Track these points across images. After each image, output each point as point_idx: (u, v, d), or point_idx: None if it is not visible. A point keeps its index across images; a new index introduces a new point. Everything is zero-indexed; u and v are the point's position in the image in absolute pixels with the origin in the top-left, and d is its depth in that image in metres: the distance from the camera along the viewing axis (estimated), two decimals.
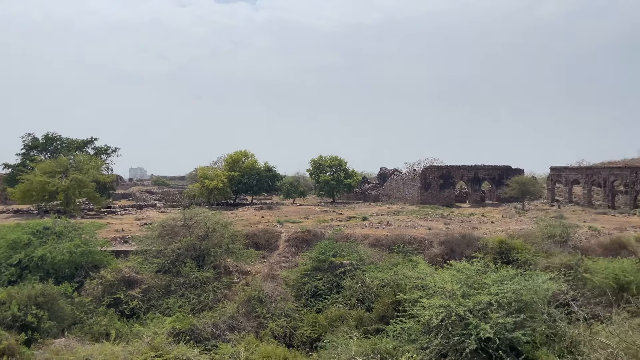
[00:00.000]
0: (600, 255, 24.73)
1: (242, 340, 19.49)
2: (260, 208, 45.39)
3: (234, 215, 38.45)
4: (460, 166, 59.32)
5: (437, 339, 15.50)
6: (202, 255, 25.02)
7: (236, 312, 21.52)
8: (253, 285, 23.22)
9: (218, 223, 25.95)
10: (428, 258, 26.10)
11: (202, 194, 49.34)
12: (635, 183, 44.91)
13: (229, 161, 53.02)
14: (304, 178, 70.42)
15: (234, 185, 51.19)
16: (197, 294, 22.60)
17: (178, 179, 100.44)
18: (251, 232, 29.23)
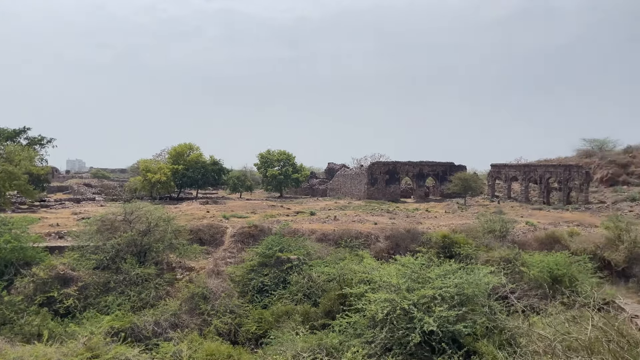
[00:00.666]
0: (536, 249, 25.81)
1: (185, 338, 18.97)
2: (206, 202, 44.42)
3: (177, 209, 37.40)
4: (405, 162, 60.46)
5: (382, 333, 15.65)
6: (143, 251, 24.11)
7: (179, 309, 20.91)
8: (197, 281, 22.64)
9: (161, 218, 25.08)
10: (374, 252, 26.36)
11: (145, 188, 47.72)
12: (568, 180, 47.32)
13: (173, 154, 51.56)
14: (252, 172, 69.67)
15: (178, 179, 49.86)
16: (137, 291, 21.76)
17: (119, 171, 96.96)
18: (195, 227, 28.48)
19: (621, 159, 54.05)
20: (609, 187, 50.77)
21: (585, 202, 44.75)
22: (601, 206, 42.98)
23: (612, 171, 52.86)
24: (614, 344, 7.82)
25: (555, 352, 7.73)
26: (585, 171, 46.70)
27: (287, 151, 62.69)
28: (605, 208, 41.57)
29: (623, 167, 52.94)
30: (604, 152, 57.84)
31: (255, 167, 63.57)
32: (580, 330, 8.74)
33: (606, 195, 48.56)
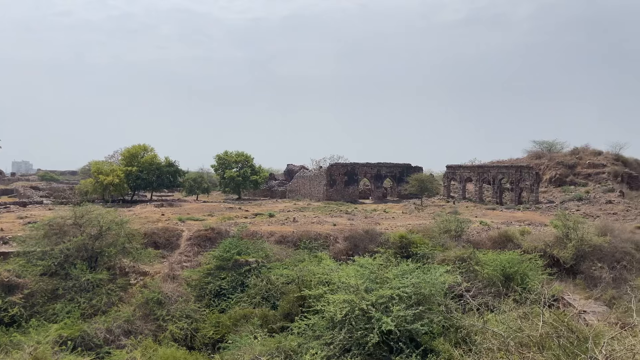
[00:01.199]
0: (490, 248, 26.48)
1: (138, 345, 18.42)
2: (161, 205, 43.36)
3: (131, 212, 36.32)
4: (364, 164, 60.97)
5: (341, 334, 15.62)
6: (94, 256, 23.26)
7: (132, 315, 20.29)
8: (151, 286, 22.02)
9: (113, 221, 24.26)
10: (333, 254, 26.39)
11: (96, 191, 46.11)
12: (519, 181, 48.93)
13: (126, 155, 50.05)
14: (209, 174, 68.59)
15: (132, 181, 48.45)
16: (88, 297, 20.96)
17: (69, 174, 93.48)
18: (150, 231, 27.72)
19: (568, 160, 56.37)
20: (558, 187, 52.85)
21: (536, 202, 46.37)
22: (550, 205, 44.64)
23: (560, 172, 55.05)
24: (564, 340, 8.07)
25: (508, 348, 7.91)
26: (536, 172, 48.42)
27: (246, 152, 62.08)
28: (554, 207, 43.21)
29: (570, 168, 55.23)
30: (552, 153, 60.20)
31: (213, 168, 62.57)
32: (532, 326, 8.99)
33: (555, 195, 50.51)
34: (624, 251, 25.66)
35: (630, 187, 49.87)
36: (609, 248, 25.71)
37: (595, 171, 53.41)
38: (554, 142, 63.28)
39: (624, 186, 49.22)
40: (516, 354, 7.73)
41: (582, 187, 50.42)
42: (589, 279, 24.37)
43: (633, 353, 6.80)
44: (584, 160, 55.83)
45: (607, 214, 38.38)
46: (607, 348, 7.12)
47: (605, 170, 52.99)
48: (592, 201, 44.20)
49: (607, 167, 53.37)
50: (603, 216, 37.09)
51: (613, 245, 25.96)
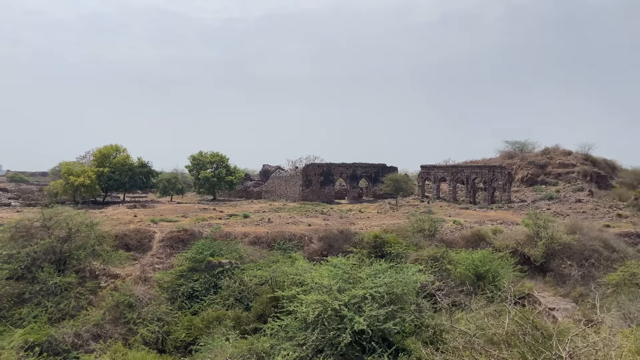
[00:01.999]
0: (463, 247, 26.79)
1: (107, 349, 18.03)
2: (133, 206, 42.64)
3: (102, 214, 35.63)
4: (339, 164, 61.09)
5: (313, 335, 15.58)
6: (63, 259, 22.71)
7: (102, 319, 19.85)
8: (122, 289, 21.60)
9: (82, 223, 23.73)
10: (308, 254, 26.35)
11: (66, 192, 45.07)
12: (492, 180, 49.68)
13: (98, 156, 49.08)
14: (183, 175, 67.77)
15: (104, 182, 47.53)
16: (56, 301, 20.43)
17: (40, 175, 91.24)
18: (121, 233, 27.23)
19: (539, 160, 57.49)
20: (529, 187, 53.83)
21: (508, 201, 47.14)
22: (522, 205, 45.43)
23: (531, 171, 56.10)
24: (529, 337, 8.17)
25: (474, 347, 7.97)
26: (508, 172, 49.22)
27: (220, 153, 61.54)
28: (526, 206, 43.98)
29: (541, 168, 56.34)
30: (524, 153, 61.31)
31: (187, 169, 61.85)
32: (499, 324, 9.09)
33: (526, 194, 51.44)
34: (592, 249, 26.26)
35: (599, 186, 51.12)
36: (577, 246, 26.27)
37: (566, 171, 54.59)
38: (526, 142, 64.51)
39: (593, 185, 50.43)
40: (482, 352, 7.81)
41: (552, 187, 51.47)
42: (558, 277, 24.85)
43: (595, 350, 6.93)
44: (554, 160, 57.02)
45: (577, 213, 39.24)
46: (571, 345, 7.24)
47: (575, 169, 54.22)
48: (562, 200, 45.14)
49: (576, 167, 54.61)
50: (573, 215, 37.91)
51: (582, 243, 26.54)
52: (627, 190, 48.80)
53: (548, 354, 7.38)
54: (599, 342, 7.02)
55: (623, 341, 7.42)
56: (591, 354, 6.97)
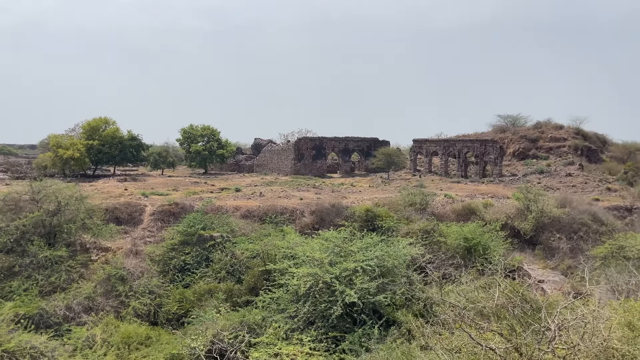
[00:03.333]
0: (454, 220, 26.91)
1: (99, 321, 18.12)
2: (124, 180, 42.33)
3: (92, 187, 35.34)
4: (332, 138, 60.83)
5: (305, 307, 15.70)
6: (53, 232, 22.56)
7: (93, 292, 19.89)
8: (113, 262, 21.59)
9: (72, 196, 23.50)
10: (299, 228, 26.37)
11: (55, 165, 44.58)
12: (484, 154, 49.77)
13: (87, 129, 48.41)
14: (174, 148, 67.27)
15: (94, 155, 47.02)
16: (46, 274, 20.38)
17: (29, 147, 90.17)
18: (112, 206, 27.04)
19: (531, 134, 57.58)
20: (520, 161, 54.04)
21: (499, 175, 47.35)
22: (513, 179, 45.67)
23: (523, 145, 56.23)
24: (518, 310, 8.24)
25: (464, 319, 8.03)
26: (500, 146, 49.29)
27: (212, 126, 60.95)
28: (517, 180, 44.22)
29: (533, 142, 56.47)
30: (516, 127, 61.35)
31: (178, 142, 61.33)
32: (489, 297, 9.16)
33: (518, 168, 51.66)
34: (581, 222, 26.49)
35: (589, 160, 51.44)
36: (567, 219, 26.49)
37: (557, 145, 54.77)
38: (518, 116, 64.50)
39: (583, 159, 50.72)
40: (472, 325, 7.88)
41: (543, 161, 51.68)
42: (547, 249, 25.14)
43: (584, 322, 6.99)
44: (546, 134, 57.12)
45: (567, 187, 39.52)
46: (560, 317, 7.31)
47: (566, 143, 54.42)
48: (553, 174, 45.40)
49: (567, 141, 54.80)
50: (563, 188, 38.17)
51: (571, 216, 26.76)
52: (616, 164, 49.17)
53: (537, 326, 7.45)
54: (587, 314, 7.10)
55: (612, 314, 7.51)
56: (580, 326, 7.04)
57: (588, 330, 6.87)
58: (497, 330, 7.65)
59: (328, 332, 14.86)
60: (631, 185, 39.63)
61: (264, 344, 14.64)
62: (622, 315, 7.25)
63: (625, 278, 12.61)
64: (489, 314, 8.75)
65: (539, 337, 7.19)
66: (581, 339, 6.69)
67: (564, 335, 7.08)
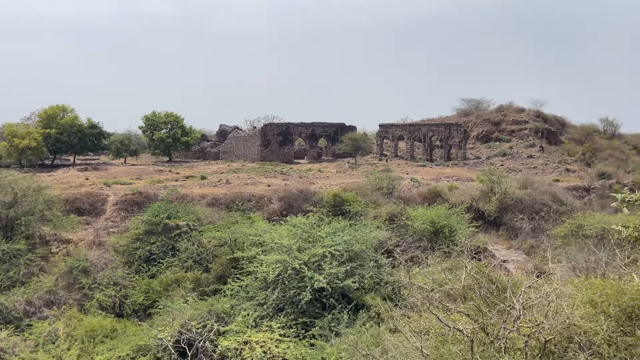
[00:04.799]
0: (420, 203, 27.24)
1: (62, 315, 17.59)
2: (85, 169, 41.07)
3: (51, 177, 34.17)
4: (298, 123, 60.45)
5: (274, 294, 15.64)
6: (10, 225, 21.74)
7: (55, 285, 19.31)
8: (75, 254, 20.98)
9: (29, 187, 22.64)
10: (267, 214, 26.21)
11: (11, 155, 42.84)
12: (448, 138, 50.47)
13: (43, 117, 46.57)
14: (137, 136, 65.57)
15: (51, 145, 45.37)
16: (4, 269, 19.68)
17: None
18: (72, 197, 26.20)
19: (494, 117, 58.65)
20: (484, 144, 55.05)
21: (464, 158, 48.15)
22: (477, 161, 46.53)
23: (486, 129, 57.25)
24: (484, 290, 8.38)
25: (432, 302, 8.13)
26: (464, 129, 50.04)
27: (175, 113, 59.61)
28: (481, 163, 45.07)
29: (496, 125, 57.54)
30: (479, 111, 62.36)
31: (141, 130, 59.78)
32: (456, 279, 9.29)
33: (481, 151, 52.64)
34: (542, 202, 27.23)
35: (549, 142, 52.83)
36: (529, 200, 27.17)
37: (519, 127, 55.98)
38: (481, 100, 65.52)
39: (543, 141, 52.04)
40: (440, 307, 7.98)
41: (506, 143, 52.79)
42: (510, 230, 25.76)
43: (548, 301, 7.15)
44: (508, 117, 58.28)
45: (529, 168, 40.55)
46: (524, 297, 7.46)
47: (527, 126, 55.67)
48: (515, 156, 46.47)
49: (529, 124, 56.06)
50: (525, 170, 39.14)
51: (533, 197, 27.46)
52: (575, 146, 50.72)
53: (502, 306, 7.59)
54: (550, 293, 7.26)
55: (574, 291, 7.72)
56: (544, 305, 7.21)
57: (551, 309, 7.04)
58: (465, 311, 7.76)
59: (298, 318, 14.86)
60: (589, 166, 41.02)
61: (233, 332, 14.53)
62: (584, 292, 7.46)
63: (585, 256, 13.02)
64: (456, 295, 8.89)
65: (504, 317, 7.33)
66: (545, 317, 6.85)
67: (528, 314, 7.23)
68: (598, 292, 7.35)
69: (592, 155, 45.77)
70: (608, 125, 60.10)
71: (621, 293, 7.02)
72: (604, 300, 7.16)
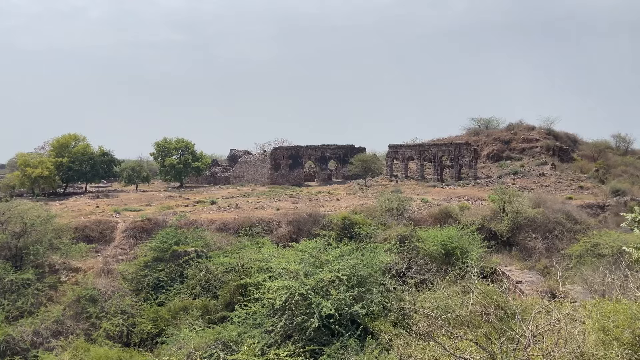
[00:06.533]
0: (431, 224, 26.84)
1: (68, 346, 17.41)
2: (96, 197, 41.35)
3: (63, 205, 34.39)
4: (308, 146, 60.65)
5: (281, 321, 15.35)
6: (19, 254, 21.77)
7: (62, 315, 19.17)
8: (83, 283, 20.88)
9: (38, 217, 22.72)
10: (276, 238, 25.99)
11: (24, 184, 43.35)
12: (459, 158, 50.14)
13: (56, 146, 47.25)
14: (148, 162, 66.22)
15: (64, 173, 45.87)
16: (13, 299, 19.60)
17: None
18: (82, 224, 26.24)
19: (504, 136, 58.27)
20: (495, 163, 54.58)
21: (475, 178, 47.71)
22: (488, 180, 46.04)
23: (496, 147, 56.84)
24: (493, 316, 8.07)
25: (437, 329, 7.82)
26: (474, 148, 49.71)
27: (186, 139, 60.18)
28: (492, 182, 44.58)
29: (506, 144, 57.11)
30: (489, 130, 62.01)
31: (152, 156, 60.34)
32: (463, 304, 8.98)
33: (492, 170, 52.16)
34: (556, 221, 26.71)
35: (561, 159, 52.21)
36: (542, 219, 26.68)
37: (529, 145, 55.50)
38: (491, 119, 65.16)
39: (555, 159, 51.46)
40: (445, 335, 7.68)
41: (517, 162, 52.29)
42: (524, 250, 25.24)
43: (558, 328, 6.84)
44: (518, 136, 57.87)
45: (541, 186, 39.97)
46: (534, 323, 7.15)
47: (538, 144, 55.17)
48: (527, 174, 45.93)
49: (540, 142, 55.56)
50: (537, 188, 38.57)
51: (546, 216, 26.96)
52: (587, 163, 50.04)
53: (512, 333, 7.28)
54: (561, 319, 6.95)
55: (586, 316, 7.37)
56: (554, 331, 6.89)
57: (562, 336, 6.72)
58: (472, 338, 7.45)
59: (306, 346, 14.52)
60: (602, 183, 40.31)
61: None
62: (596, 319, 7.12)
63: (601, 277, 12.60)
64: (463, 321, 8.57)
65: (514, 345, 7.02)
66: (555, 345, 6.54)
67: (538, 342, 6.91)
68: (611, 317, 7.01)
69: (605, 172, 45.04)
70: (620, 141, 59.41)
71: (634, 319, 6.68)
72: (617, 326, 6.81)
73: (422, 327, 8.87)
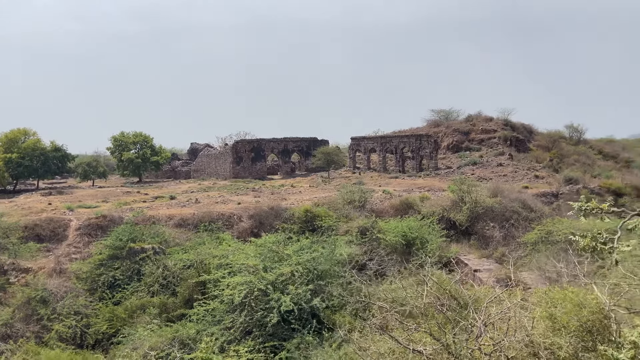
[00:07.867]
0: (392, 215, 27.01)
1: (18, 349, 16.68)
2: (49, 193, 39.78)
3: (12, 203, 32.92)
4: (270, 139, 60.10)
5: (241, 317, 15.12)
6: None
7: (12, 317, 18.41)
8: (34, 283, 20.04)
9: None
10: (237, 233, 25.63)
11: None
12: (420, 149, 50.72)
13: (4, 141, 45.13)
14: (105, 157, 64.25)
15: (12, 169, 43.92)
16: None
17: None
18: (32, 223, 25.17)
19: (463, 127, 59.29)
20: (455, 153, 55.47)
21: (435, 169, 48.38)
22: (448, 171, 46.77)
23: (456, 139, 57.78)
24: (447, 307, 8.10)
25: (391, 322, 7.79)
26: (434, 140, 50.37)
27: (144, 132, 58.56)
28: (452, 173, 45.30)
29: (465, 135, 58.14)
30: (449, 121, 62.99)
31: (109, 151, 58.51)
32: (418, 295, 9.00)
33: (452, 160, 53.01)
34: (513, 210, 27.31)
35: (518, 149, 53.55)
36: (499, 208, 27.24)
37: (488, 136, 56.66)
38: (451, 111, 66.18)
39: (512, 149, 52.72)
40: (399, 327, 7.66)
41: (476, 152, 53.31)
42: (482, 239, 25.73)
43: (508, 317, 6.90)
44: (477, 127, 58.98)
45: (498, 176, 40.89)
46: (485, 313, 7.20)
47: (496, 135, 56.38)
48: (485, 165, 46.89)
49: (497, 132, 56.79)
50: (495, 178, 39.45)
51: (503, 205, 27.54)
52: (543, 153, 51.54)
53: (465, 324, 7.31)
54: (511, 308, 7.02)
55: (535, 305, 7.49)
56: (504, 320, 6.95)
57: (512, 325, 6.78)
58: (426, 329, 7.45)
59: (266, 342, 14.35)
60: (557, 172, 41.59)
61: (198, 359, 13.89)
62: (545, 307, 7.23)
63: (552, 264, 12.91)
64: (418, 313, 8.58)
65: (467, 335, 7.05)
66: (505, 335, 6.59)
67: (490, 331, 6.96)
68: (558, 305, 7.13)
69: (559, 161, 46.52)
70: (573, 131, 61.39)
71: (580, 306, 6.80)
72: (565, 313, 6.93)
73: (378, 320, 8.85)
